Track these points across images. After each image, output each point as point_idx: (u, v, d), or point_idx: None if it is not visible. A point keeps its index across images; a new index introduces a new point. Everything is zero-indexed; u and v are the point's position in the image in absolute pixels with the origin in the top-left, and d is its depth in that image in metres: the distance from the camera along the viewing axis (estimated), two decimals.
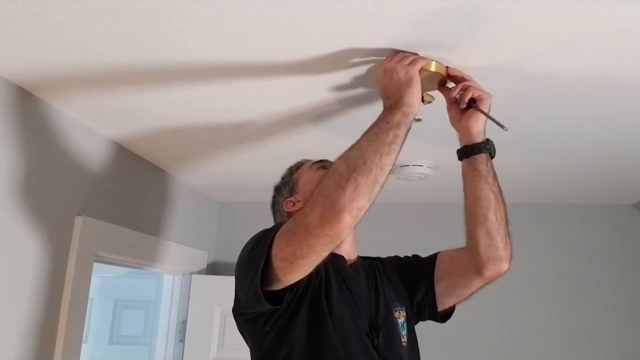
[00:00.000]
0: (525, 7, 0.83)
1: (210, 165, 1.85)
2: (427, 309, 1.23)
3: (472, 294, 1.20)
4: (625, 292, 2.19)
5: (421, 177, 1.80)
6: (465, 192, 1.13)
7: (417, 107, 0.96)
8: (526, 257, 2.24)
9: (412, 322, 1.21)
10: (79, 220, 1.40)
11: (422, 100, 1.09)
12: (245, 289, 0.98)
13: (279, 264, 0.92)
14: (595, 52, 0.97)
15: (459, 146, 1.13)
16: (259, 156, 1.69)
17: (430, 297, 1.21)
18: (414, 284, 1.23)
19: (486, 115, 1.05)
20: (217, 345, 2.13)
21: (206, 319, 2.13)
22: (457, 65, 1.04)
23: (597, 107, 1.23)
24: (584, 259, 2.24)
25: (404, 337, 1.13)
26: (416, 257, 1.30)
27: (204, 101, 1.27)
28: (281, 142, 1.54)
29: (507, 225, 1.11)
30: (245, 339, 1.12)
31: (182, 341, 2.14)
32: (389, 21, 0.89)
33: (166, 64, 1.07)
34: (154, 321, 2.62)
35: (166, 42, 0.98)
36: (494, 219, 1.09)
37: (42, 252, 1.29)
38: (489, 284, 1.16)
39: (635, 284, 2.19)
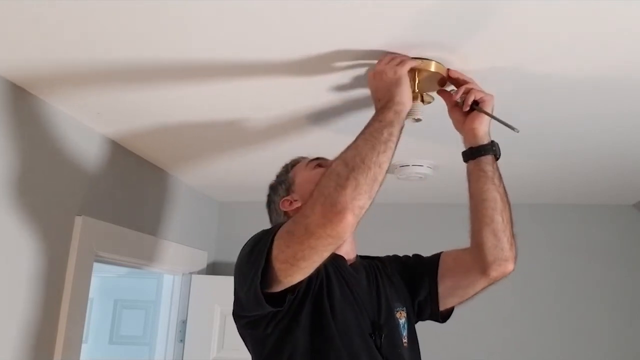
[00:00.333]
0: (525, 7, 0.83)
1: (210, 165, 1.85)
2: (428, 308, 1.23)
3: (475, 294, 1.20)
4: (625, 292, 2.19)
5: (421, 177, 1.80)
6: (471, 193, 1.13)
7: (408, 105, 0.96)
8: (526, 257, 2.21)
9: (413, 322, 1.20)
10: (79, 220, 1.40)
11: (422, 100, 1.09)
12: (245, 291, 0.97)
13: (279, 266, 0.91)
14: (595, 52, 0.97)
15: (463, 148, 1.14)
16: (259, 156, 1.69)
17: (432, 297, 1.21)
18: (416, 283, 1.23)
19: (495, 118, 1.05)
20: (217, 345, 2.13)
21: (206, 319, 2.14)
22: (458, 65, 1.03)
23: (597, 107, 1.23)
24: (584, 259, 2.24)
25: (405, 337, 1.13)
26: (418, 256, 1.29)
27: (204, 100, 1.27)
28: (281, 142, 1.54)
29: (512, 226, 1.13)
30: (245, 342, 1.10)
31: (182, 341, 2.14)
32: (389, 21, 0.89)
33: (166, 62, 1.07)
34: (154, 321, 2.62)
35: (166, 41, 0.98)
36: (500, 219, 1.10)
37: (42, 252, 1.28)
38: (493, 284, 1.17)
39: (635, 284, 2.19)
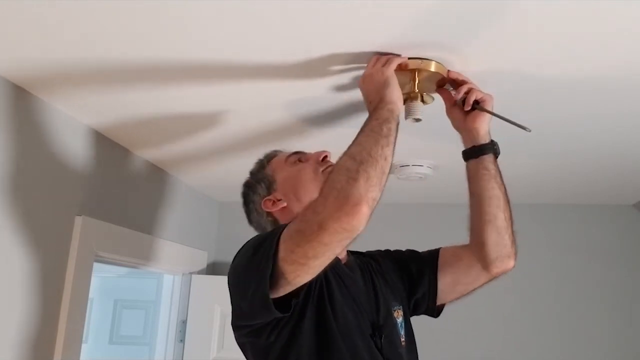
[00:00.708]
0: (525, 8, 0.83)
1: (210, 165, 1.85)
2: (425, 304, 1.23)
3: (474, 291, 1.21)
4: (625, 292, 2.19)
5: (421, 177, 1.80)
6: (472, 191, 1.14)
7: (399, 104, 0.97)
8: (526, 257, 2.21)
9: (409, 320, 1.19)
10: (79, 220, 1.40)
11: (422, 100, 1.09)
12: (248, 298, 0.93)
13: (287, 268, 0.88)
14: (595, 52, 0.97)
15: (463, 147, 1.14)
16: (259, 156, 1.68)
17: (431, 293, 1.21)
18: (415, 280, 1.22)
19: (501, 117, 1.06)
20: (217, 345, 2.13)
21: (206, 319, 2.14)
22: (458, 65, 1.04)
23: (597, 107, 1.23)
24: (584, 259, 2.24)
25: (403, 336, 1.13)
26: (414, 252, 1.28)
27: (204, 100, 1.27)
28: (281, 142, 1.54)
29: (513, 223, 1.15)
30: (245, 352, 1.07)
31: (182, 341, 2.14)
32: (389, 21, 0.89)
33: (166, 62, 1.07)
34: (154, 321, 2.62)
35: (166, 41, 0.98)
36: (503, 217, 1.12)
37: (42, 252, 1.28)
38: (493, 280, 1.19)
39: (635, 284, 2.19)
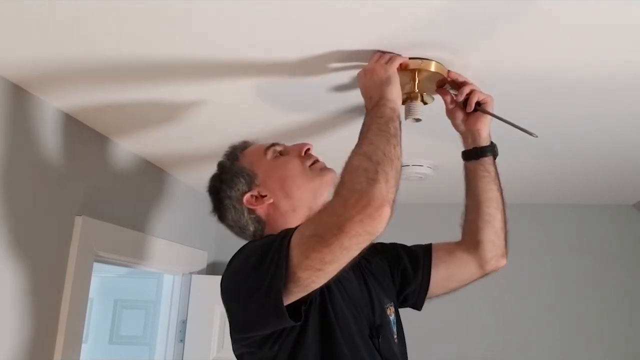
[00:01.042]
0: (525, 8, 0.83)
1: (210, 165, 1.84)
2: (414, 298, 1.22)
3: (464, 287, 1.23)
4: (625, 292, 2.19)
5: (421, 177, 1.80)
6: (472, 192, 1.15)
7: (399, 103, 0.96)
8: (526, 257, 2.24)
9: (399, 315, 1.18)
10: (79, 220, 1.40)
11: (422, 100, 1.09)
12: (255, 308, 0.89)
13: (302, 274, 0.84)
14: (595, 52, 0.97)
15: (463, 147, 1.15)
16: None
17: (423, 288, 1.21)
18: (408, 275, 1.21)
19: (504, 120, 1.06)
20: (217, 345, 2.13)
21: (206, 319, 2.13)
22: (458, 65, 1.03)
23: (597, 107, 1.23)
24: (584, 259, 2.24)
25: (395, 333, 1.12)
26: (405, 247, 1.26)
27: (204, 100, 1.27)
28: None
29: (507, 223, 1.17)
30: None
31: (182, 341, 2.14)
32: (389, 21, 0.89)
33: (166, 62, 1.07)
34: (154, 321, 2.62)
35: (166, 41, 0.98)
36: (500, 217, 1.14)
37: (42, 252, 1.28)
38: (483, 277, 1.21)
39: (635, 284, 2.19)
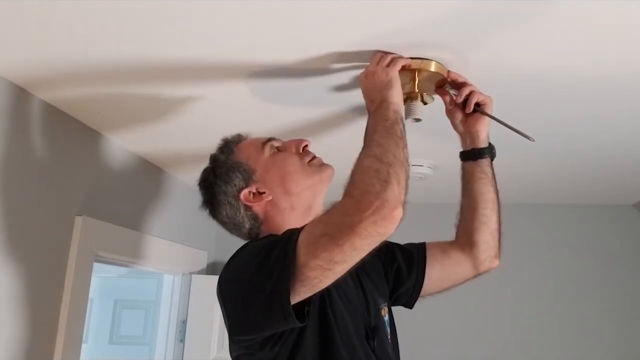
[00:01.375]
0: (525, 8, 0.83)
1: None
2: (407, 297, 1.22)
3: (456, 286, 1.24)
4: (625, 292, 2.19)
5: (421, 177, 1.80)
6: (468, 192, 1.15)
7: (401, 105, 0.96)
8: (526, 257, 2.24)
9: (393, 315, 1.17)
10: (79, 220, 1.40)
11: (422, 100, 1.09)
12: (258, 309, 0.88)
13: (309, 273, 0.83)
14: (595, 52, 0.97)
15: (461, 148, 1.16)
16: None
17: (417, 288, 1.20)
18: (402, 274, 1.21)
19: (502, 123, 1.06)
20: (217, 345, 2.13)
21: (206, 319, 2.13)
22: (458, 65, 1.04)
23: (597, 107, 1.24)
24: (584, 259, 2.24)
25: (389, 334, 1.11)
26: (399, 246, 1.25)
27: (204, 100, 1.27)
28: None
29: (501, 225, 1.18)
30: None
31: (182, 341, 2.13)
32: (388, 21, 0.89)
33: (166, 63, 1.07)
34: (154, 321, 2.61)
35: (166, 41, 0.98)
36: (495, 219, 1.15)
37: (42, 252, 1.28)
38: (476, 278, 1.22)
39: (635, 284, 2.19)
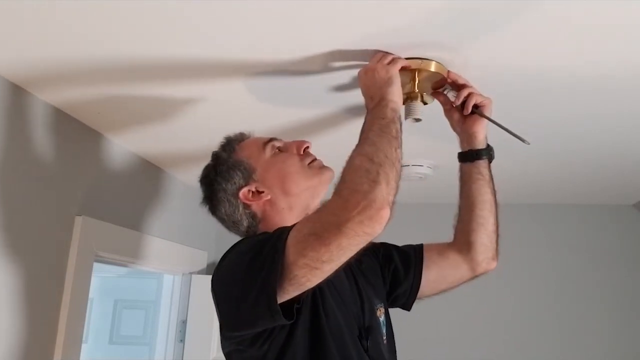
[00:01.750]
0: (525, 8, 0.83)
1: None
2: (404, 299, 1.22)
3: (454, 288, 1.23)
4: (625, 292, 2.19)
5: (421, 177, 1.80)
6: (466, 194, 1.15)
7: (400, 104, 0.96)
8: (526, 257, 2.24)
9: (389, 316, 1.18)
10: (79, 220, 1.40)
11: (422, 100, 1.09)
12: (248, 305, 0.89)
13: (298, 272, 0.84)
14: (595, 52, 0.97)
15: (460, 149, 1.16)
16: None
17: (414, 289, 1.21)
18: (399, 276, 1.21)
19: (499, 125, 1.07)
20: (217, 345, 2.13)
21: (206, 319, 2.13)
22: (458, 65, 1.04)
23: (597, 107, 1.24)
24: (584, 259, 2.24)
25: (384, 334, 1.11)
26: (396, 247, 1.25)
27: (204, 100, 1.27)
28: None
29: (498, 227, 1.18)
30: None
31: (182, 341, 2.13)
32: (388, 21, 0.89)
33: (166, 62, 1.07)
34: (154, 321, 2.61)
35: (165, 41, 0.98)
36: (493, 220, 1.15)
37: (42, 252, 1.28)
38: (473, 279, 1.21)
39: (635, 284, 2.19)
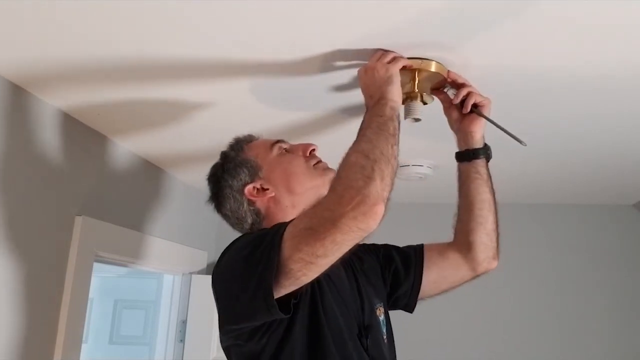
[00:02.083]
0: (525, 7, 0.83)
1: (210, 165, 1.84)
2: (405, 300, 1.22)
3: (455, 288, 1.24)
4: (625, 292, 2.19)
5: (421, 177, 1.80)
6: (464, 193, 1.15)
7: (399, 103, 0.96)
8: (526, 257, 2.24)
9: (389, 316, 1.18)
10: (79, 220, 1.40)
11: (422, 100, 1.09)
12: (245, 299, 0.90)
13: (293, 266, 0.85)
14: (595, 52, 0.97)
15: (457, 149, 1.16)
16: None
17: (415, 290, 1.21)
18: (399, 276, 1.21)
19: (497, 125, 1.07)
20: (217, 345, 2.12)
21: (206, 319, 2.13)
22: (458, 65, 1.04)
23: (597, 107, 1.23)
24: (584, 259, 2.24)
25: (384, 334, 1.12)
26: (397, 248, 1.26)
27: (204, 100, 1.27)
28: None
29: (498, 226, 1.18)
30: (229, 358, 1.03)
31: (182, 341, 2.13)
32: (388, 21, 0.89)
33: (166, 61, 1.07)
34: (154, 321, 2.61)
35: (165, 40, 0.98)
36: (492, 219, 1.15)
37: (42, 252, 1.28)
38: (474, 279, 1.21)
39: (635, 284, 2.19)
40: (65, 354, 1.31)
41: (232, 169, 1.14)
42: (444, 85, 1.09)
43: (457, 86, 1.07)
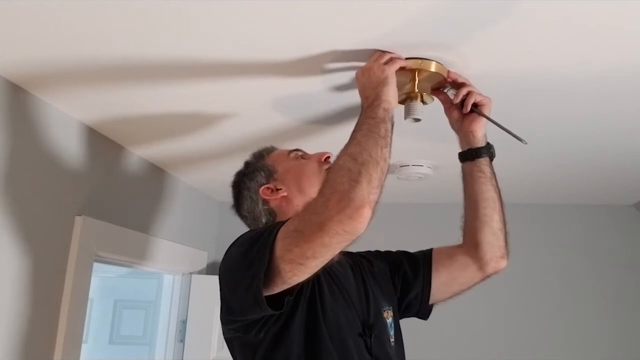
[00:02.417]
0: (525, 8, 0.83)
1: (210, 165, 1.85)
2: (417, 306, 1.23)
3: (466, 290, 1.23)
4: (625, 292, 2.19)
5: (421, 177, 1.80)
6: (468, 193, 1.15)
7: (394, 104, 0.96)
8: (526, 257, 2.24)
9: (398, 320, 1.19)
10: (79, 220, 1.40)
11: (422, 100, 1.09)
12: (240, 294, 0.93)
13: (284, 266, 0.87)
14: (595, 52, 0.97)
15: (460, 149, 1.16)
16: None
17: (425, 293, 1.21)
18: (409, 280, 1.22)
19: (497, 124, 1.07)
20: (217, 345, 2.13)
21: (206, 319, 2.13)
22: (458, 65, 1.04)
23: (597, 107, 1.23)
24: (584, 259, 2.24)
25: (392, 336, 1.12)
26: (406, 253, 1.28)
27: (204, 99, 1.27)
28: (281, 143, 1.54)
29: (506, 224, 1.17)
30: (231, 349, 1.06)
31: (182, 341, 2.13)
32: (388, 21, 0.89)
33: (165, 61, 1.07)
34: (154, 321, 2.61)
35: (164, 40, 0.98)
36: (498, 218, 1.14)
37: (42, 252, 1.28)
38: (485, 280, 1.20)
39: (635, 284, 2.19)
40: (65, 354, 1.31)
41: (250, 173, 1.20)
42: (444, 85, 1.09)
43: (458, 86, 1.07)
